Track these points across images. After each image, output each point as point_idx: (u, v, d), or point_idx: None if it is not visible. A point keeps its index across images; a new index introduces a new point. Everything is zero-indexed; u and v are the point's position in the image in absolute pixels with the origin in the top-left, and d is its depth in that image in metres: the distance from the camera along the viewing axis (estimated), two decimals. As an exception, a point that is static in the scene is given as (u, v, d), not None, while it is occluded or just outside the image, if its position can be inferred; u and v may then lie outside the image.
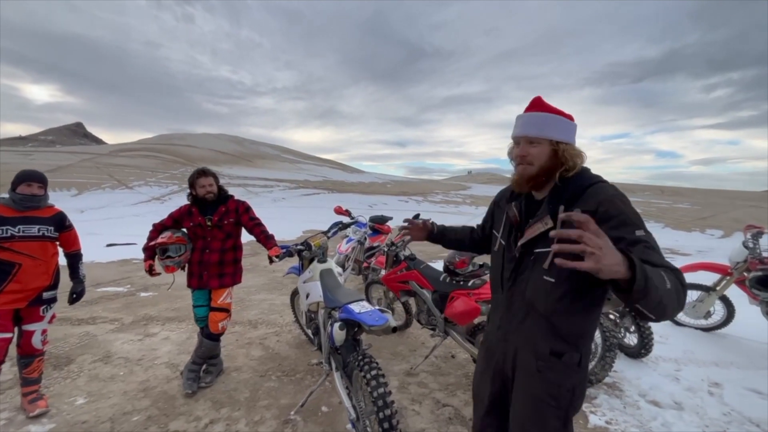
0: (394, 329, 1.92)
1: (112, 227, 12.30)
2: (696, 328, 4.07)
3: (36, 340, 2.43)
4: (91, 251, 7.98)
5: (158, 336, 3.67)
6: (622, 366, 3.14)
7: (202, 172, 2.78)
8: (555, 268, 1.15)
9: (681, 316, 4.16)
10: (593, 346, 2.82)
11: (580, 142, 1.28)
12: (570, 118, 1.24)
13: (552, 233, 0.89)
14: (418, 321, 3.27)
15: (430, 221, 1.79)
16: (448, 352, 3.38)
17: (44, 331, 2.48)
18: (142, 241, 2.76)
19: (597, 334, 2.82)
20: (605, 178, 1.22)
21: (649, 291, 0.84)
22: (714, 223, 20.02)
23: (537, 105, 1.25)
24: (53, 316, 2.55)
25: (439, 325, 2.97)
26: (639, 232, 1.02)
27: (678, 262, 8.48)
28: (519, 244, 1.27)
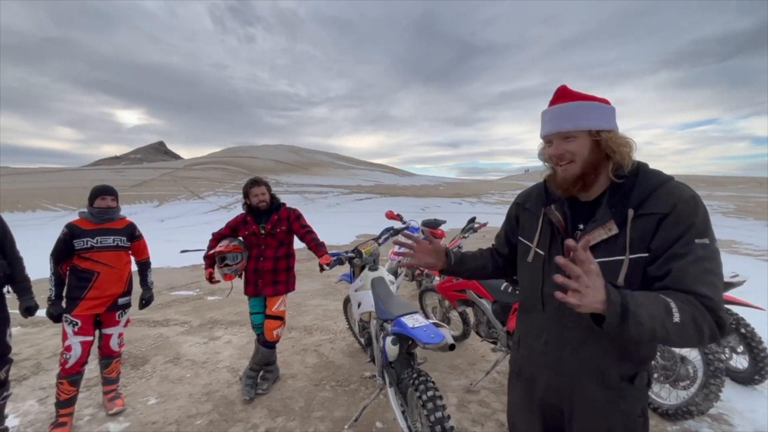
0: (452, 347, 1.74)
1: (186, 234, 13.48)
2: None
3: (113, 343, 2.62)
4: (167, 257, 8.76)
5: (221, 339, 3.84)
6: (729, 394, 2.62)
7: (255, 182, 2.82)
8: (626, 279, 0.98)
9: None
10: (691, 370, 2.37)
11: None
12: (605, 102, 1.06)
13: (558, 260, 0.82)
14: (477, 333, 3.03)
15: (446, 247, 1.37)
16: (512, 368, 3.08)
17: (120, 335, 2.68)
18: (210, 247, 2.89)
19: (698, 357, 2.37)
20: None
21: (628, 327, 0.80)
22: (836, 219, 16.74)
23: (563, 95, 1.08)
24: (128, 321, 2.74)
25: (501, 339, 2.71)
26: (699, 241, 0.93)
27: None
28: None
